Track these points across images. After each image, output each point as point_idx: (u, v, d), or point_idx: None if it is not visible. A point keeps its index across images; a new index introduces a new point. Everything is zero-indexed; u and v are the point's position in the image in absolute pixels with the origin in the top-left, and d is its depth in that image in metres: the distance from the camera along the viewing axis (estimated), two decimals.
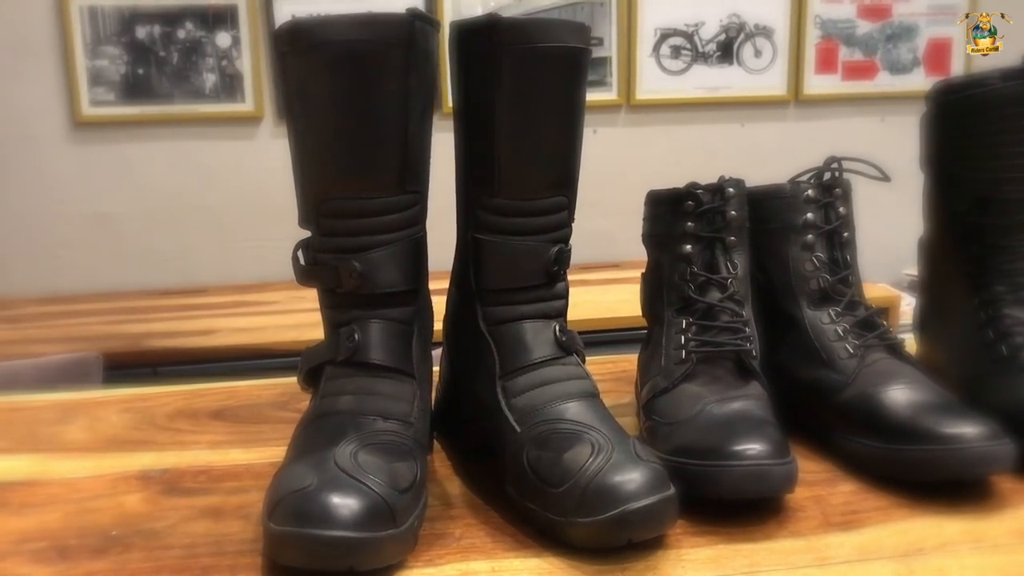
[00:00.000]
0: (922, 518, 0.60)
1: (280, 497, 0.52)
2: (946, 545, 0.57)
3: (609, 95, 2.28)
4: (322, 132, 0.62)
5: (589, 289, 1.88)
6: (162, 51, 2.11)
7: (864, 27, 2.37)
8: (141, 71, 2.11)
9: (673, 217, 0.73)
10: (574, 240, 0.68)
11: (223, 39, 2.13)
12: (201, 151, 2.17)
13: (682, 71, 2.31)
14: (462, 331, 0.69)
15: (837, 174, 0.75)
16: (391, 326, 0.64)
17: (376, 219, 0.63)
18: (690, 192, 0.72)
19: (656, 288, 0.74)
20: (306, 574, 0.51)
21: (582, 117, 0.65)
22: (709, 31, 2.30)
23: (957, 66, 2.41)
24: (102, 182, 2.14)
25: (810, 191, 0.74)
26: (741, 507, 0.60)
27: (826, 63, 2.36)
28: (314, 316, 0.67)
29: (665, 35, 2.28)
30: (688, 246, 0.72)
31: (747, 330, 0.70)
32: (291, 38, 0.61)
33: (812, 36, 2.34)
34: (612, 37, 2.26)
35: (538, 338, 0.65)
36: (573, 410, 0.61)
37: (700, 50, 2.30)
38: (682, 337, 0.70)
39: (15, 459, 0.75)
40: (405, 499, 0.54)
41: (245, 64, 2.14)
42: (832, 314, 0.72)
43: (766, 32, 2.33)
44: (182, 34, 2.12)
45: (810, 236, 0.74)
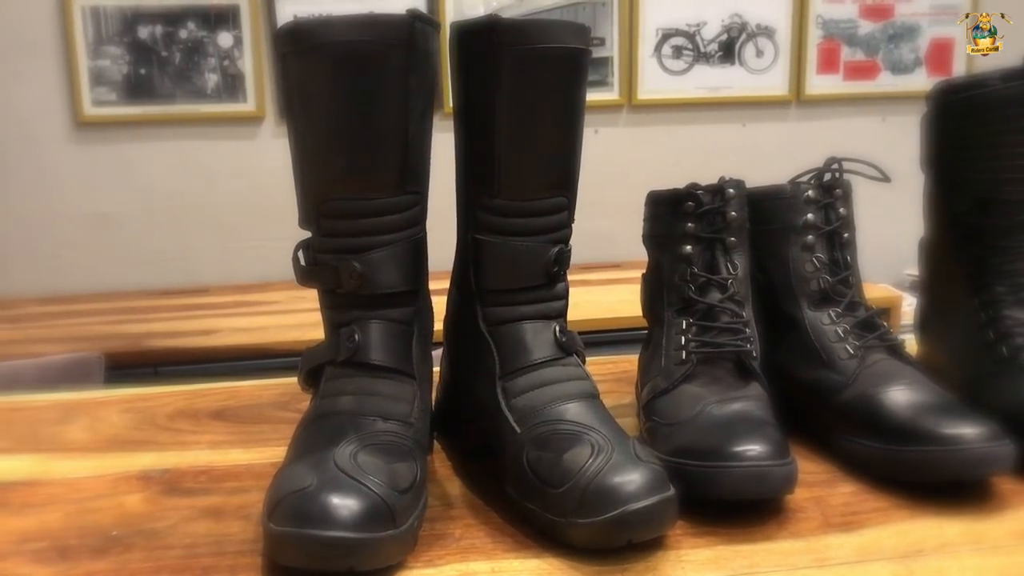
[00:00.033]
0: (922, 519, 0.60)
1: (280, 497, 0.52)
2: (946, 546, 0.57)
3: (610, 95, 2.28)
4: (322, 133, 0.62)
5: (590, 289, 1.88)
6: (164, 51, 2.12)
7: (866, 27, 2.37)
8: (143, 71, 2.11)
9: (673, 218, 0.73)
10: (574, 240, 0.68)
11: (225, 39, 2.13)
12: (202, 151, 2.17)
13: (684, 71, 2.31)
14: (462, 331, 0.69)
15: (837, 175, 0.75)
16: (391, 327, 0.64)
17: (376, 220, 0.63)
18: (690, 193, 0.72)
19: (656, 289, 0.74)
20: (306, 574, 0.51)
21: (582, 118, 0.65)
22: (711, 31, 2.30)
23: (959, 66, 2.40)
24: (104, 182, 2.14)
25: (810, 192, 0.74)
26: (741, 508, 0.60)
27: (828, 63, 2.36)
28: (315, 316, 0.68)
29: (667, 35, 2.28)
30: (688, 247, 0.72)
31: (747, 331, 0.70)
32: (292, 39, 0.61)
33: (814, 36, 2.34)
34: (614, 37, 2.26)
35: (538, 339, 0.65)
36: (573, 411, 0.61)
37: (702, 50, 2.30)
38: (682, 338, 0.70)
39: (16, 459, 0.75)
40: (405, 499, 0.54)
41: (247, 64, 2.14)
42: (832, 315, 0.72)
43: (768, 32, 2.32)
44: (184, 34, 2.12)
45: (810, 237, 0.74)
